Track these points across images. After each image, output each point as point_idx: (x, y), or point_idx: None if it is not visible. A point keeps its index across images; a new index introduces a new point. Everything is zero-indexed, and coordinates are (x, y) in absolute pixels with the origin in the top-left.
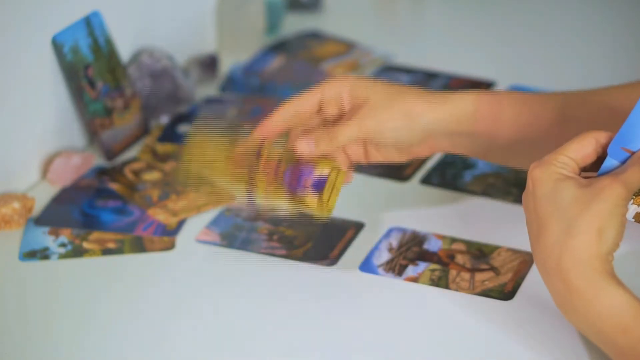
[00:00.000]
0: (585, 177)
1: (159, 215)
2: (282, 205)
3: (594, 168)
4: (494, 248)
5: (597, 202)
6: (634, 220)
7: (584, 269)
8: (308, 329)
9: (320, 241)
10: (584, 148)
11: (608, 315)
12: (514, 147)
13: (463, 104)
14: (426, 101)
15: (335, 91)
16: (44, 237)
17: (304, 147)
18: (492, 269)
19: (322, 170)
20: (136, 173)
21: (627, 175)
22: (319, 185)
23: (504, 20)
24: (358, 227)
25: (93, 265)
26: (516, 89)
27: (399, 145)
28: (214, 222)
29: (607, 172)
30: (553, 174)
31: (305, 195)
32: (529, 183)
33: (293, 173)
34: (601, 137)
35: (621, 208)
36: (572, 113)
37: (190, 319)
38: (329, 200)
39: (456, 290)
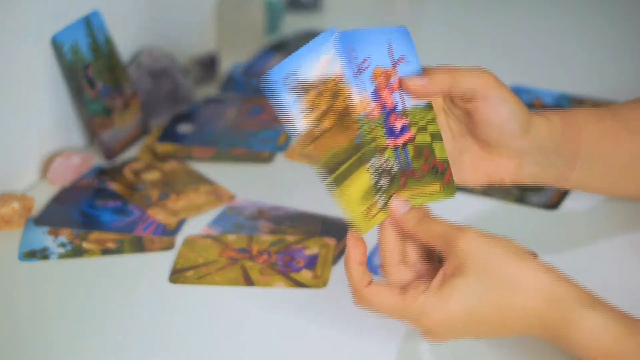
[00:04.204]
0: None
1: (159, 215)
2: (279, 285)
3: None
4: None
5: (481, 259)
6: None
7: (555, 309)
8: (307, 327)
9: None
10: (356, 257)
11: (589, 342)
12: (590, 167)
13: (551, 120)
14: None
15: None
16: (43, 237)
17: (416, 83)
18: None
19: (312, 250)
20: (136, 173)
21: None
22: (312, 263)
23: (504, 20)
24: None
25: (93, 265)
26: (516, 89)
27: (499, 124)
28: (216, 221)
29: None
30: (422, 299)
31: (300, 274)
32: (431, 328)
33: (285, 257)
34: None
35: (495, 236)
36: (636, 127)
37: (191, 318)
38: (322, 274)
39: None
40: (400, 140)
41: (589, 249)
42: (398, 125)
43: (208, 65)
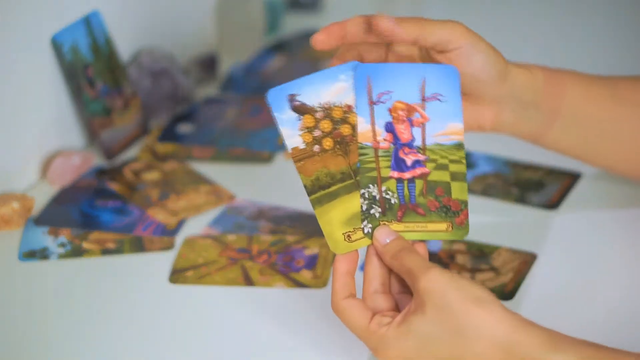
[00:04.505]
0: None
1: (159, 215)
2: (279, 285)
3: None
4: (494, 248)
5: (448, 295)
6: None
7: (514, 358)
8: (307, 327)
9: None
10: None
11: None
12: (570, 128)
13: (533, 74)
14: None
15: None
16: (43, 237)
17: (385, 22)
18: (493, 269)
19: (312, 250)
20: (136, 173)
21: (415, 261)
22: (312, 263)
23: (504, 20)
24: None
25: (92, 265)
26: None
27: (474, 74)
28: (216, 221)
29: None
30: (383, 331)
31: (300, 274)
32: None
33: (285, 257)
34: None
35: (458, 278)
36: (624, 96)
37: (191, 318)
38: (322, 274)
39: None
40: (407, 174)
41: (589, 249)
42: (409, 159)
43: (208, 65)
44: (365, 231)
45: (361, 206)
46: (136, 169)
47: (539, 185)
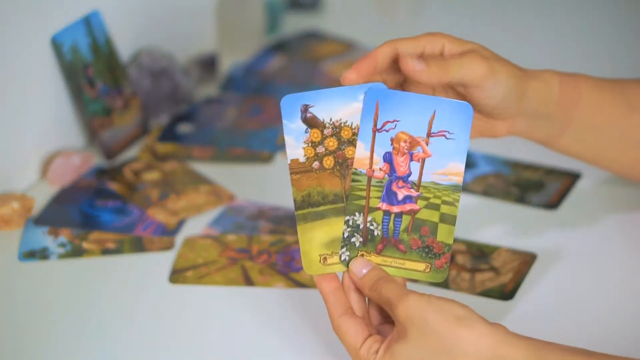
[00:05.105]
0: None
1: (159, 215)
2: (279, 285)
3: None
4: (494, 248)
5: (429, 323)
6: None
7: None
8: (307, 327)
9: None
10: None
11: None
12: (582, 134)
13: (549, 85)
14: (519, 72)
15: (438, 43)
16: (43, 237)
17: (415, 64)
18: (493, 269)
19: None
20: (136, 173)
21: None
22: None
23: (504, 20)
24: None
25: (92, 265)
26: None
27: (492, 105)
28: (216, 221)
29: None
30: None
31: (300, 274)
32: None
33: (285, 257)
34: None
35: (435, 300)
36: (635, 102)
37: (191, 318)
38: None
39: (456, 290)
40: (396, 208)
41: (589, 249)
42: (401, 193)
43: (208, 65)
44: (342, 258)
45: (343, 233)
46: (136, 169)
47: (539, 185)
